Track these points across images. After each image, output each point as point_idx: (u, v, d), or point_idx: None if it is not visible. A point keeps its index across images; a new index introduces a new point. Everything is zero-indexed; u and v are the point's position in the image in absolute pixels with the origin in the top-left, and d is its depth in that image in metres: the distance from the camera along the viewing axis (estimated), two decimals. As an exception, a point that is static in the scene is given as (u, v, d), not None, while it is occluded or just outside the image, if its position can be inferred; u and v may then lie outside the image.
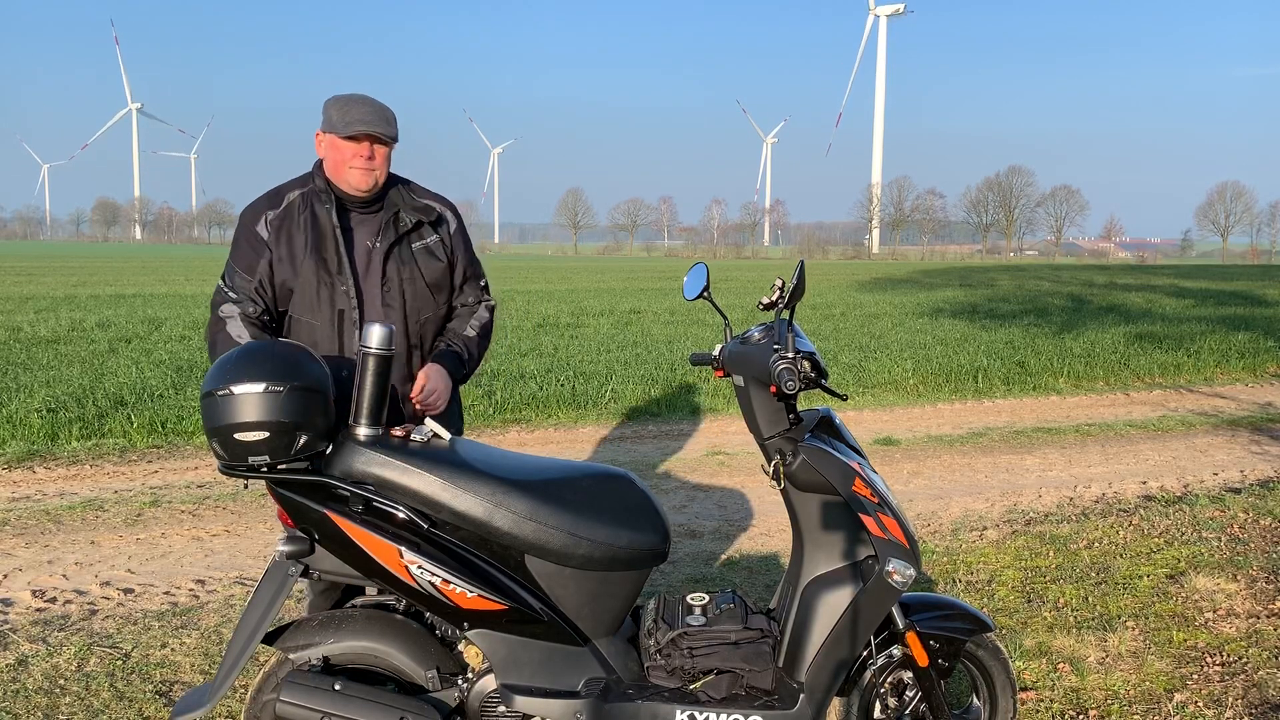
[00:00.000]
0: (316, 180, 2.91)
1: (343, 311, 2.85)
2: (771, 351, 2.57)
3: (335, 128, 2.82)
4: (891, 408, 9.77)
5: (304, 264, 2.83)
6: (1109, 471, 7.15)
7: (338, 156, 2.84)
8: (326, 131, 2.85)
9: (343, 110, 2.83)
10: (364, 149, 2.82)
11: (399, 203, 2.95)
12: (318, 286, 2.84)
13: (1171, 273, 47.98)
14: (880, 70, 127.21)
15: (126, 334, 14.06)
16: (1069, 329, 16.34)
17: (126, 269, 40.17)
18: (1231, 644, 3.97)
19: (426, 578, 2.41)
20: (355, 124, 2.79)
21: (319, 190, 2.89)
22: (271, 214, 2.87)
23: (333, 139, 2.84)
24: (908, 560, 2.62)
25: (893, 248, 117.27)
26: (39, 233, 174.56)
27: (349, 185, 2.86)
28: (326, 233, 2.86)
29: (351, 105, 2.83)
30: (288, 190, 2.92)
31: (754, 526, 5.68)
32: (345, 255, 2.85)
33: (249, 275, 2.84)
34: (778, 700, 2.63)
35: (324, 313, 2.84)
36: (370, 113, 2.82)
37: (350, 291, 2.85)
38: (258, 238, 2.85)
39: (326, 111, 2.86)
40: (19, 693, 3.43)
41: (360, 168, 2.83)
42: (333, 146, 2.84)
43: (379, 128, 2.81)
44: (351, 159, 2.83)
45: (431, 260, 2.98)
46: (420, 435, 2.57)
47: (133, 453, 7.25)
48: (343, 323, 2.85)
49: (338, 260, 2.84)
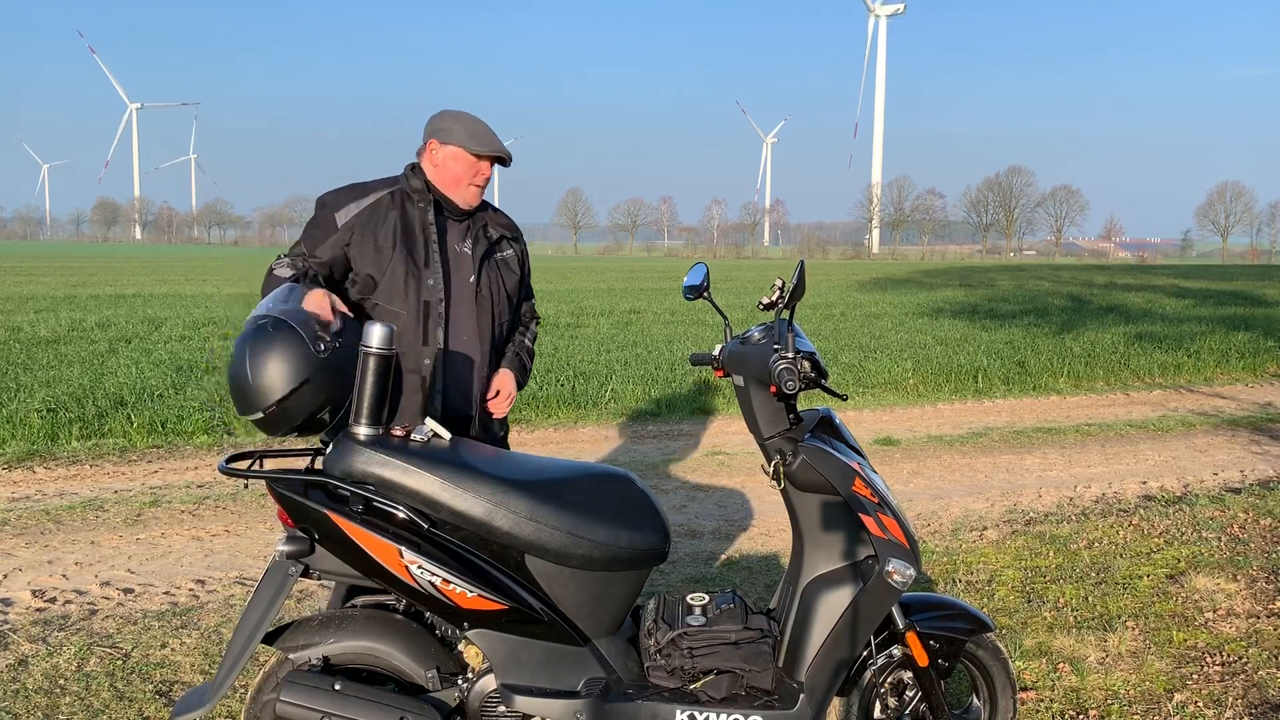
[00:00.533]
0: (412, 182, 3.04)
1: (428, 304, 2.98)
2: (772, 351, 2.57)
3: (464, 142, 2.98)
4: (891, 408, 9.77)
5: (392, 256, 2.96)
6: (1109, 471, 7.16)
7: (459, 171, 3.01)
8: (448, 143, 2.99)
9: (472, 129, 3.00)
10: (487, 169, 3.04)
11: (485, 217, 3.16)
12: (405, 278, 2.96)
13: (1171, 273, 47.99)
14: (880, 70, 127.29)
15: (126, 334, 14.07)
16: (1069, 329, 16.34)
17: (126, 269, 40.17)
18: (1231, 644, 3.97)
19: (426, 578, 2.41)
20: (491, 145, 2.99)
21: (413, 190, 3.03)
22: (355, 206, 2.99)
23: (460, 152, 2.99)
24: (908, 560, 2.62)
25: (893, 248, 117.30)
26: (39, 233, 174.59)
27: (460, 200, 3.04)
28: (417, 230, 3.00)
29: (475, 125, 3.01)
30: (375, 188, 3.04)
31: (754, 526, 5.68)
32: (436, 252, 3.00)
33: (313, 255, 2.96)
34: (778, 700, 2.63)
35: (410, 303, 2.97)
36: (495, 135, 3.03)
37: (438, 285, 2.99)
38: (334, 224, 2.97)
39: (446, 124, 3.01)
40: (19, 693, 3.43)
41: (479, 185, 3.05)
42: (457, 159, 3.00)
43: (505, 149, 3.04)
44: (475, 176, 3.02)
45: (510, 272, 3.18)
46: (420, 435, 2.57)
47: (133, 453, 7.25)
48: (428, 314, 2.99)
49: (426, 255, 2.99)
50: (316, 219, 3.02)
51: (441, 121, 3.03)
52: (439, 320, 2.99)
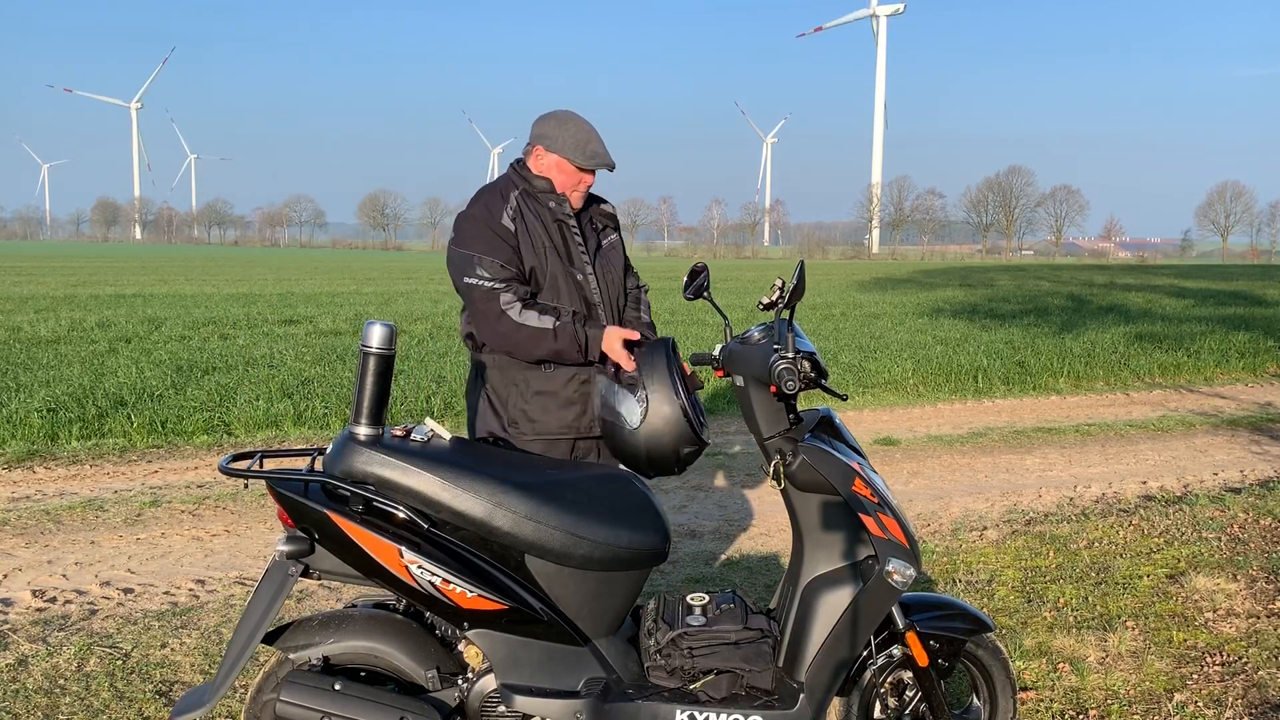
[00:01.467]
0: (534, 181, 3.05)
1: (587, 299, 3.05)
2: (772, 351, 2.57)
3: (569, 154, 2.99)
4: (891, 408, 9.77)
5: (548, 256, 3.00)
6: (1109, 471, 7.15)
7: (562, 179, 3.04)
8: (552, 152, 3.01)
9: (578, 138, 3.00)
10: (590, 178, 3.07)
11: (588, 208, 3.18)
12: (564, 278, 3.01)
13: (1171, 273, 47.97)
14: (880, 70, 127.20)
15: (126, 334, 14.06)
16: (1069, 329, 16.34)
17: (126, 269, 40.17)
18: (1231, 644, 3.97)
19: (426, 578, 2.41)
20: (595, 158, 3.01)
21: (541, 190, 3.05)
22: (508, 208, 3.00)
23: (564, 163, 3.01)
24: (908, 560, 2.62)
25: (893, 248, 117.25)
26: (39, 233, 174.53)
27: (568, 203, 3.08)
28: (555, 228, 3.04)
29: (585, 133, 3.02)
30: (508, 190, 3.05)
31: (754, 526, 5.68)
32: (580, 249, 3.06)
33: (508, 265, 2.94)
34: (778, 700, 2.63)
35: (574, 301, 3.01)
36: (601, 144, 3.04)
37: (589, 280, 3.06)
38: (506, 229, 2.97)
39: (550, 131, 3.02)
40: (19, 693, 3.43)
41: (581, 193, 3.08)
42: (561, 169, 3.02)
43: (611, 160, 3.06)
44: (578, 184, 3.05)
45: (617, 256, 3.23)
46: (420, 435, 2.57)
47: (133, 453, 7.25)
48: (590, 310, 3.04)
49: (570, 253, 3.04)
50: (486, 232, 2.94)
51: (546, 127, 3.02)
52: (598, 313, 3.05)
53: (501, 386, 3.07)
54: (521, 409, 3.04)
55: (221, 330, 14.89)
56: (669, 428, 2.73)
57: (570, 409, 3.04)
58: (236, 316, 17.26)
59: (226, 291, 25.25)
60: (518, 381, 3.03)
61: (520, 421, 3.04)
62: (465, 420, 3.39)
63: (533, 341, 2.90)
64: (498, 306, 2.90)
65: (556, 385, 3.02)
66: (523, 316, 2.90)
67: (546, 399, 3.02)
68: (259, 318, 17.10)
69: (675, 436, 2.73)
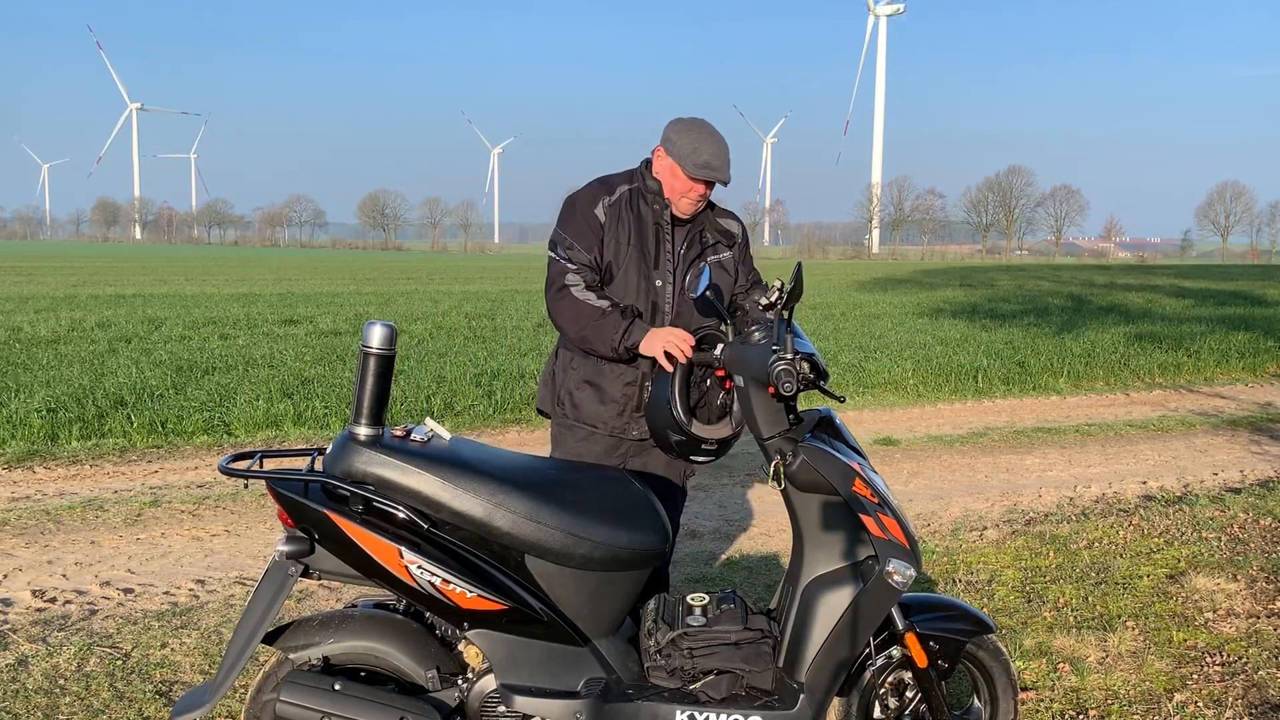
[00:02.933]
0: (648, 181, 3.08)
1: (655, 304, 3.06)
2: (771, 352, 2.57)
3: (683, 161, 2.97)
4: (891, 408, 9.77)
5: (628, 253, 3.03)
6: (1109, 471, 7.15)
7: (675, 184, 3.03)
8: (669, 155, 3.00)
9: (694, 146, 2.97)
10: (701, 188, 3.02)
11: (704, 221, 3.16)
12: (638, 277, 3.04)
13: (1171, 273, 47.96)
14: (880, 70, 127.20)
15: (126, 334, 14.06)
16: (1069, 329, 16.34)
17: (126, 269, 40.16)
18: (1231, 644, 3.97)
19: (426, 578, 2.41)
20: (704, 169, 2.96)
21: (650, 191, 3.07)
22: (608, 200, 3.05)
23: (675, 168, 3.00)
24: (908, 560, 2.61)
25: (893, 248, 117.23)
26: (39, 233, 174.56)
27: (677, 209, 3.07)
28: (650, 230, 3.06)
29: (703, 143, 2.97)
30: (618, 183, 3.10)
31: (754, 526, 5.68)
32: (667, 254, 3.07)
33: (586, 251, 3.02)
34: (778, 700, 2.63)
35: (642, 300, 3.04)
36: (718, 156, 2.97)
37: (665, 286, 3.07)
38: (596, 220, 3.03)
39: (674, 135, 3.01)
40: (19, 693, 3.42)
41: (692, 200, 3.05)
42: (674, 174, 3.01)
43: (724, 175, 2.99)
44: (688, 192, 3.02)
45: (722, 274, 3.18)
46: (420, 435, 2.57)
47: (133, 453, 7.25)
48: (654, 314, 3.06)
49: (657, 256, 3.06)
50: (577, 216, 3.04)
51: (672, 131, 3.03)
52: (663, 320, 3.06)
53: (562, 367, 3.18)
54: (569, 391, 3.14)
55: (221, 330, 14.89)
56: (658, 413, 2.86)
57: (610, 406, 3.10)
58: (236, 316, 17.27)
59: (226, 291, 25.25)
60: (576, 366, 3.13)
61: (565, 403, 3.15)
62: (466, 420, 3.42)
63: (581, 316, 2.96)
64: (562, 280, 3.00)
65: (605, 380, 3.09)
66: (582, 295, 2.97)
67: (592, 390, 3.11)
68: (259, 318, 17.10)
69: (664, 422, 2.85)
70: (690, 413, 2.85)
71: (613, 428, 3.11)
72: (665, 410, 2.83)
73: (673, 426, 2.84)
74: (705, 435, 2.87)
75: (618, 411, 3.09)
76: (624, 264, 3.03)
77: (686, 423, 2.83)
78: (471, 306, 20.44)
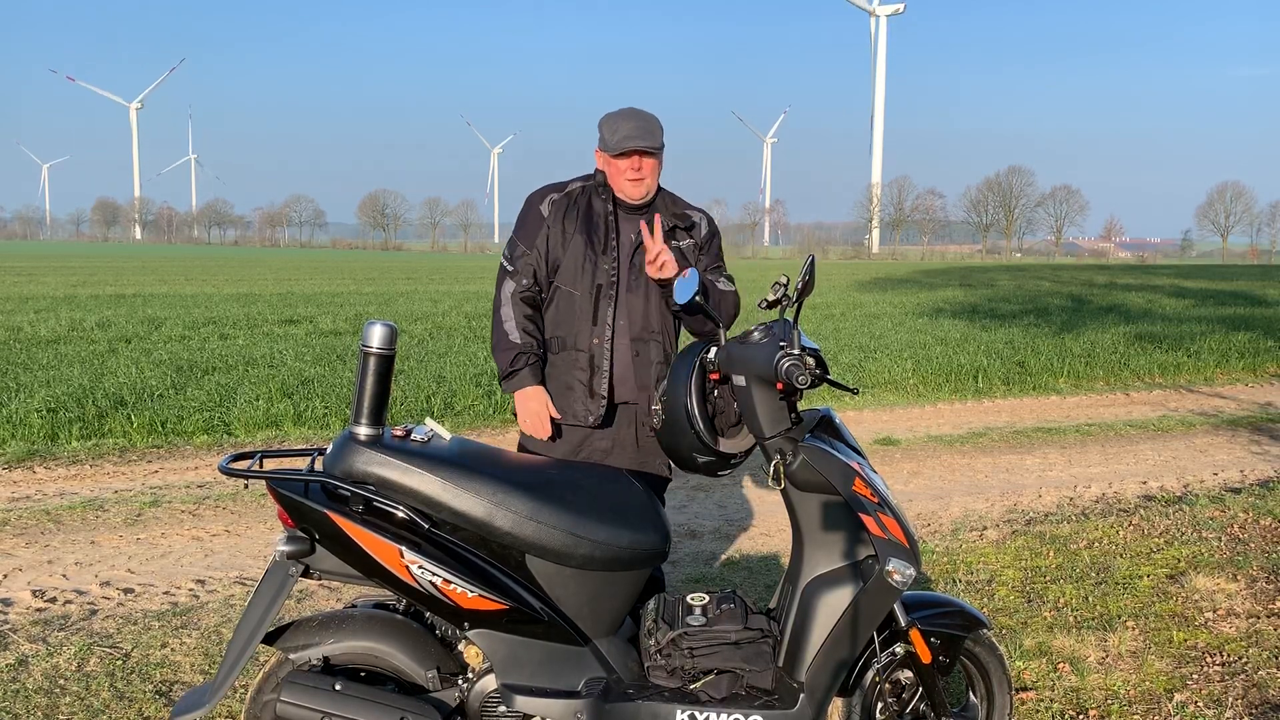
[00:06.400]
0: (598, 177, 3.26)
1: (601, 286, 3.16)
2: (777, 349, 2.56)
3: (608, 146, 3.13)
4: (891, 408, 9.77)
5: (573, 239, 3.17)
6: (1109, 471, 7.15)
7: (611, 170, 3.18)
8: (601, 149, 3.18)
9: (611, 129, 3.14)
10: (634, 162, 3.14)
11: (661, 209, 3.26)
12: (583, 261, 3.16)
13: (1171, 273, 47.97)
14: (880, 70, 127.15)
15: (126, 334, 14.06)
16: (1069, 329, 16.34)
17: (126, 269, 40.16)
18: (1231, 644, 3.97)
19: (427, 578, 2.41)
20: (623, 142, 3.10)
21: (599, 185, 3.24)
22: (555, 195, 3.24)
23: (606, 156, 3.17)
24: (908, 560, 2.61)
25: (893, 248, 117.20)
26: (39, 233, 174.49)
27: (624, 195, 3.20)
28: (599, 218, 3.20)
29: (619, 123, 3.13)
30: (572, 183, 3.29)
31: (754, 526, 5.68)
32: (614, 240, 3.18)
33: (527, 247, 3.20)
34: (778, 700, 2.63)
35: (584, 284, 3.16)
36: (635, 128, 3.11)
37: (613, 270, 3.16)
38: (539, 215, 3.22)
39: (600, 131, 3.18)
40: (19, 693, 3.43)
41: (632, 179, 3.16)
42: (607, 162, 3.18)
43: (645, 141, 3.10)
44: (625, 172, 3.15)
45: (681, 259, 3.22)
46: (420, 435, 2.57)
47: (133, 453, 7.25)
48: (599, 296, 3.16)
49: (603, 241, 3.17)
50: (525, 213, 3.26)
51: (599, 125, 3.19)
52: (609, 301, 3.15)
53: None
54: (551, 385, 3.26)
55: (221, 330, 14.89)
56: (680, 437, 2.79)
57: (566, 394, 3.19)
58: (236, 316, 17.27)
59: (226, 291, 25.25)
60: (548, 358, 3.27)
61: None
62: (466, 420, 3.45)
63: (496, 336, 3.20)
64: (498, 291, 3.23)
65: (559, 369, 3.21)
66: (508, 315, 3.18)
67: (552, 380, 3.22)
68: (259, 318, 17.10)
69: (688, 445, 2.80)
70: (713, 430, 2.82)
71: (572, 414, 3.18)
72: (689, 434, 2.77)
73: (699, 449, 2.79)
74: (731, 450, 2.84)
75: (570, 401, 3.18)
76: (568, 251, 3.17)
77: (713, 442, 2.80)
78: (471, 306, 20.44)
